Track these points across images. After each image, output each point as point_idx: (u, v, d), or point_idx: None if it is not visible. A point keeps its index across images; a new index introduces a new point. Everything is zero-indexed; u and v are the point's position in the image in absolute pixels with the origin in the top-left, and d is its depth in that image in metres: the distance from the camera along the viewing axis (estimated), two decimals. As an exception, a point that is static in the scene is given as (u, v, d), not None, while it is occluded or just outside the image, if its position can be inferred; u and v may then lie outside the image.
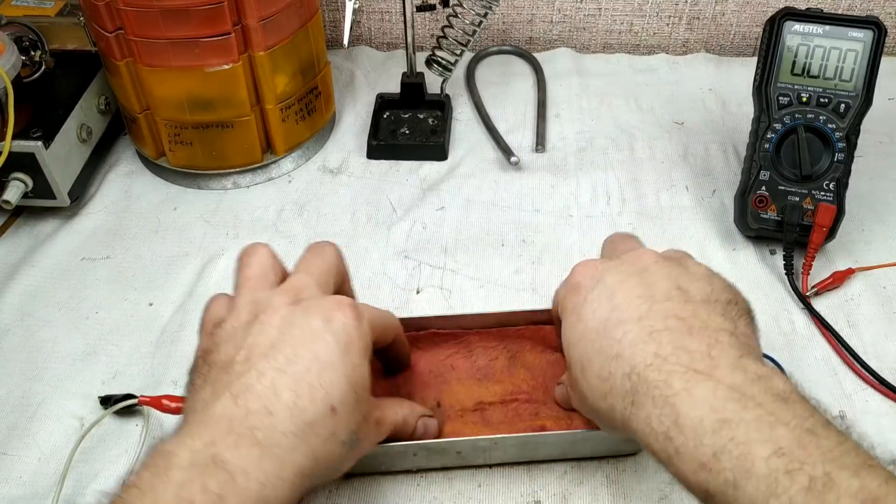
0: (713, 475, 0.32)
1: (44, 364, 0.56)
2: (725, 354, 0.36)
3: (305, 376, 0.38)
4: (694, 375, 0.35)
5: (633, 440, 0.47)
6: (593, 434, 0.47)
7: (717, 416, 0.33)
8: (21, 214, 0.69)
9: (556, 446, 0.48)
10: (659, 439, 0.35)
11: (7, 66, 0.60)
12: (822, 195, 0.61)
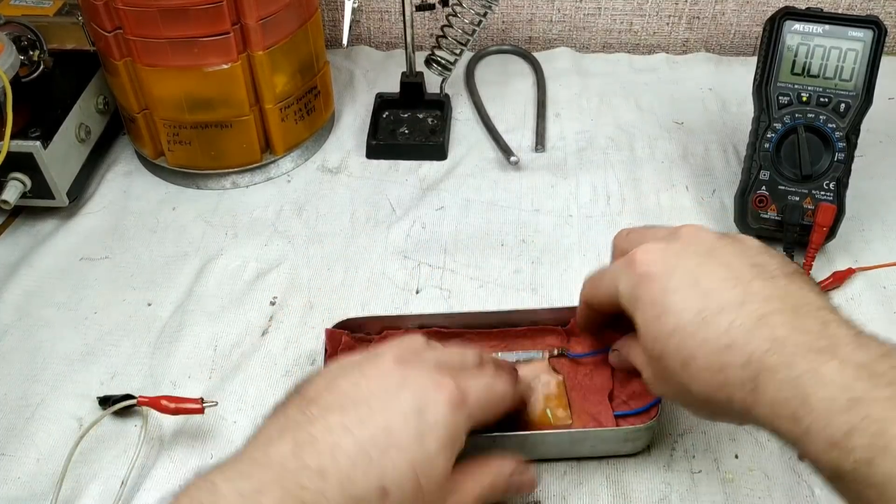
0: (845, 453, 0.32)
1: (42, 364, 0.56)
2: (841, 332, 0.35)
3: (368, 447, 0.36)
4: (817, 356, 0.34)
5: (633, 441, 0.47)
6: (591, 433, 0.47)
7: (847, 395, 0.33)
8: (20, 214, 0.69)
9: (555, 445, 0.48)
10: (785, 422, 0.34)
11: (5, 66, 0.60)
12: (822, 195, 0.60)
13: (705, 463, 0.49)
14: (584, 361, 0.52)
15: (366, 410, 0.37)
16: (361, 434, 0.36)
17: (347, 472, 0.35)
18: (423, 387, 0.39)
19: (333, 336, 0.53)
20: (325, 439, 0.36)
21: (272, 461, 0.35)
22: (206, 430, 0.52)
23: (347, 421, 0.37)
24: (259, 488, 0.34)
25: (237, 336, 0.58)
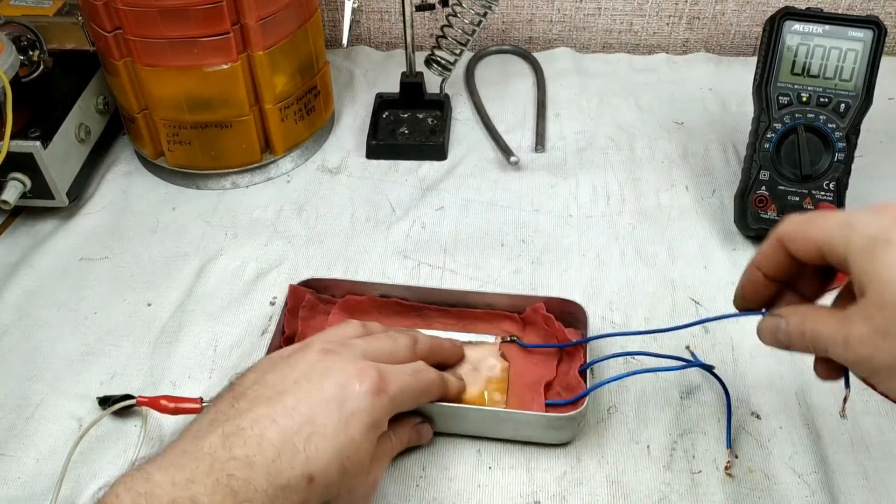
0: None
1: (42, 364, 0.56)
2: None
3: (293, 436, 0.38)
4: None
5: (557, 430, 0.48)
6: (514, 415, 0.49)
7: None
8: (19, 214, 0.69)
9: (480, 422, 0.50)
10: None
11: (5, 66, 0.60)
12: (822, 195, 0.60)
13: (705, 463, 0.49)
14: (534, 352, 0.54)
15: (291, 401, 0.39)
16: (286, 424, 0.38)
17: (273, 462, 0.37)
18: (345, 375, 0.40)
19: (297, 292, 0.56)
20: (252, 431, 0.37)
21: (203, 452, 0.36)
22: (206, 430, 0.52)
23: (273, 412, 0.38)
24: (191, 477, 0.35)
25: (237, 336, 0.58)
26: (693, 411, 0.52)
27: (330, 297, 0.57)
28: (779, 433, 0.51)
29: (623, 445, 0.50)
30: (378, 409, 0.40)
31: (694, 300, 0.60)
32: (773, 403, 0.52)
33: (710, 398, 0.53)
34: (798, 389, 0.53)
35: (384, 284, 0.57)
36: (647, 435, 0.51)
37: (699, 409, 0.52)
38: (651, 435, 0.51)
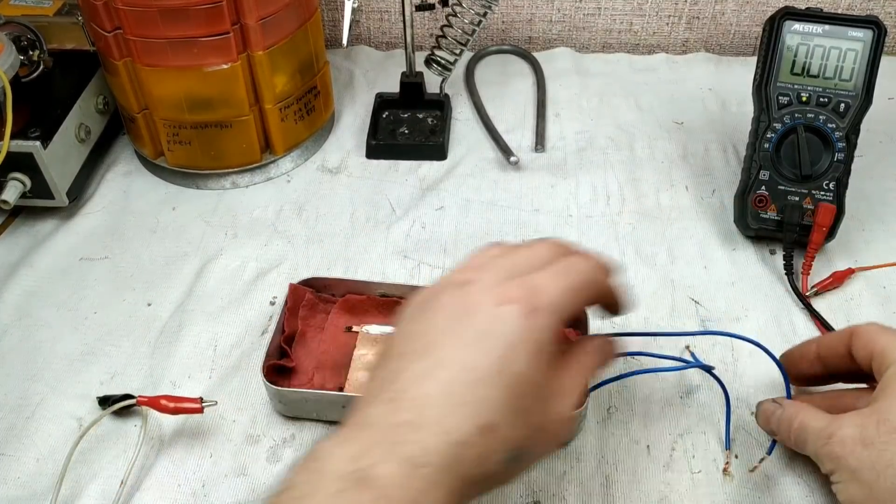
0: None
1: (42, 364, 0.56)
2: None
3: (453, 389, 0.34)
4: None
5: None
6: None
7: None
8: (19, 214, 0.69)
9: None
10: None
11: (5, 66, 0.60)
12: (821, 195, 0.60)
13: (705, 463, 0.49)
14: None
15: (442, 352, 0.35)
16: (444, 377, 0.34)
17: (441, 420, 0.33)
18: (488, 307, 0.36)
19: (297, 291, 0.56)
20: (412, 392, 0.34)
21: (371, 423, 0.34)
22: (206, 430, 0.52)
23: (427, 367, 0.35)
24: (362, 451, 0.33)
25: (237, 336, 0.58)
26: (693, 411, 0.52)
27: (330, 297, 0.57)
28: (779, 433, 0.51)
29: (623, 445, 0.50)
30: (536, 330, 0.35)
31: (694, 300, 0.60)
32: (773, 403, 0.52)
33: (709, 398, 0.53)
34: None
35: (384, 284, 0.56)
36: (647, 435, 0.51)
37: (699, 409, 0.52)
38: (651, 435, 0.51)
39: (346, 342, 0.55)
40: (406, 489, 0.32)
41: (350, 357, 0.54)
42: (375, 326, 0.56)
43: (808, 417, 0.43)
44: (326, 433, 0.51)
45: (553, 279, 0.37)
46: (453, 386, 0.34)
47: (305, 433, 0.52)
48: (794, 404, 0.46)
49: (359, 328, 0.56)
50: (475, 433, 0.33)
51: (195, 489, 0.49)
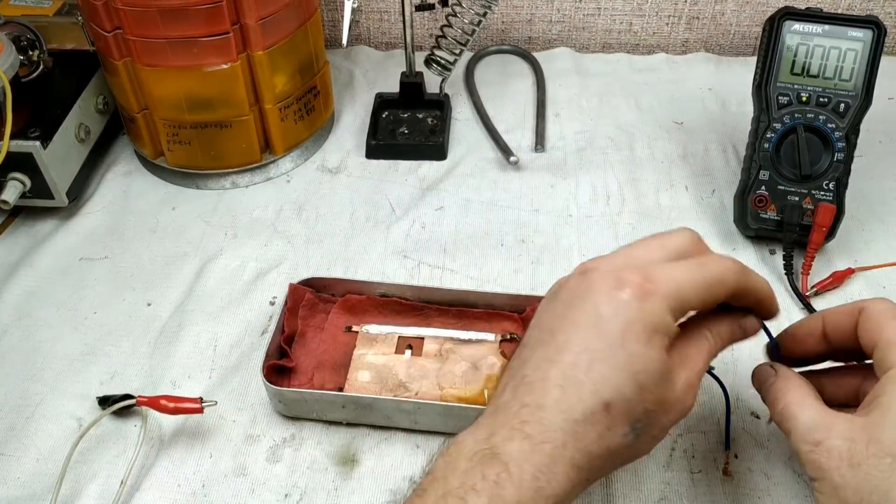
0: None
1: (42, 364, 0.56)
2: None
3: (572, 370, 0.36)
4: None
5: None
6: None
7: None
8: (19, 214, 0.69)
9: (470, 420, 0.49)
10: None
11: (5, 66, 0.60)
12: (821, 195, 0.60)
13: (705, 463, 0.49)
14: None
15: (562, 336, 0.37)
16: (565, 360, 0.36)
17: (560, 400, 0.36)
18: (605, 289, 0.37)
19: (297, 291, 0.56)
20: (535, 376, 0.37)
21: (498, 408, 0.37)
22: (206, 430, 0.52)
23: (550, 352, 0.37)
24: (491, 433, 0.36)
25: (237, 336, 0.58)
26: (693, 411, 0.52)
27: (330, 297, 0.57)
28: (778, 433, 0.51)
29: (623, 445, 0.50)
30: (651, 312, 0.36)
31: (694, 300, 0.60)
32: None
33: (709, 398, 0.53)
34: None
35: (384, 283, 0.57)
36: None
37: (699, 409, 0.52)
38: (651, 435, 0.51)
39: (345, 342, 0.55)
40: (530, 463, 0.35)
41: (350, 357, 0.54)
42: (375, 326, 0.56)
43: (796, 404, 0.40)
44: (326, 433, 0.51)
45: (675, 269, 0.38)
46: (572, 368, 0.36)
47: (305, 433, 0.52)
48: (787, 377, 0.42)
49: (358, 328, 0.56)
50: (596, 411, 0.35)
51: (195, 489, 0.49)
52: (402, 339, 0.55)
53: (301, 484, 0.49)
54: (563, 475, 0.35)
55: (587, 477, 0.36)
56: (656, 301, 0.37)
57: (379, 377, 0.53)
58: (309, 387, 0.52)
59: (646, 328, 0.36)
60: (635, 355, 0.36)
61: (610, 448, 0.36)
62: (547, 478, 0.35)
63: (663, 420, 0.38)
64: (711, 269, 0.39)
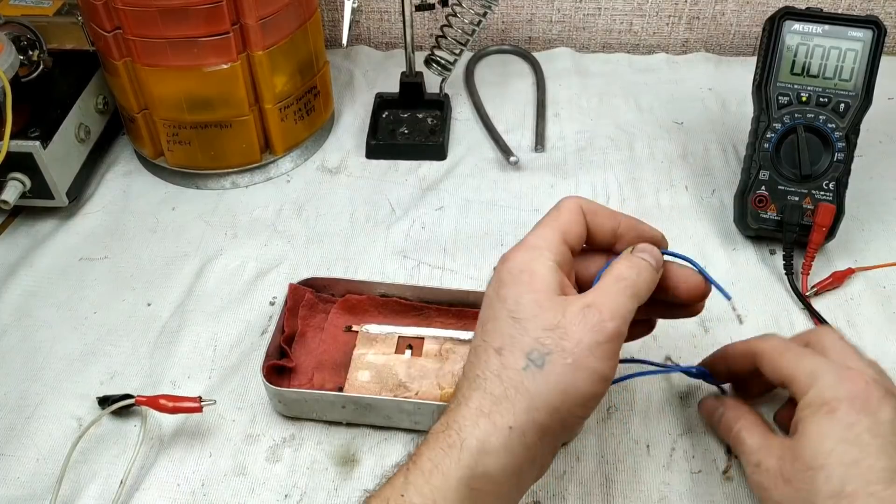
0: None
1: (42, 364, 0.56)
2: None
3: (475, 344, 0.41)
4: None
5: None
6: None
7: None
8: (19, 214, 0.69)
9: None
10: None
11: (5, 66, 0.60)
12: (821, 195, 0.60)
13: (705, 463, 0.49)
14: None
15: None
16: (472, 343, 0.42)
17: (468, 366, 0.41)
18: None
19: (297, 291, 0.56)
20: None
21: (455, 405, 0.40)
22: (206, 430, 0.52)
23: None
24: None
25: (237, 336, 0.58)
26: (693, 411, 0.52)
27: (330, 297, 0.57)
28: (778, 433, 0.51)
29: (623, 445, 0.50)
30: (513, 260, 0.42)
31: (694, 300, 0.60)
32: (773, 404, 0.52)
33: (709, 398, 0.53)
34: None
35: (384, 283, 0.57)
36: (647, 435, 0.51)
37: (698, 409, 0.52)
38: (651, 435, 0.51)
39: (345, 342, 0.55)
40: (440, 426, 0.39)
41: (350, 357, 0.54)
42: (375, 326, 0.56)
43: (746, 433, 0.44)
44: (326, 433, 0.51)
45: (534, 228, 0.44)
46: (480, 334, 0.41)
47: (305, 433, 0.52)
48: (736, 407, 0.47)
49: (358, 328, 0.56)
50: (486, 360, 0.39)
51: (194, 488, 0.49)
52: (402, 339, 0.55)
53: (301, 484, 0.49)
54: (471, 422, 0.37)
55: (505, 423, 0.37)
56: (516, 253, 0.42)
57: (379, 377, 0.53)
58: (309, 387, 0.52)
59: (511, 274, 0.41)
60: (508, 298, 0.40)
61: (514, 385, 0.38)
62: (456, 430, 0.38)
63: (568, 344, 0.38)
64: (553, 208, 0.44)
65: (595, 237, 0.44)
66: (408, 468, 0.38)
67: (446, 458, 0.37)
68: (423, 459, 0.37)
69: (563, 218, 0.43)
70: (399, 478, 0.38)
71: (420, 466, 0.37)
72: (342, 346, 0.55)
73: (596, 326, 0.38)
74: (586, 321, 0.38)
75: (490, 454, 0.37)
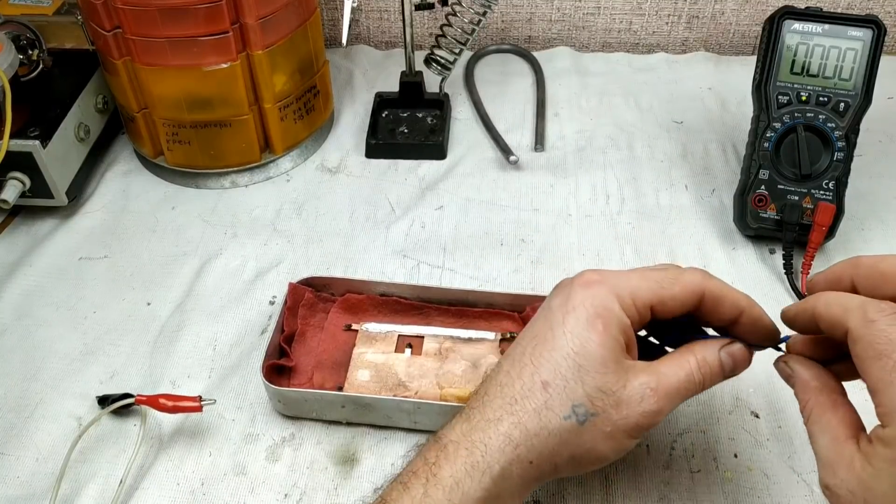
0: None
1: (41, 364, 0.56)
2: None
3: (520, 357, 0.39)
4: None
5: None
6: None
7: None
8: (19, 214, 0.69)
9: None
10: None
11: (4, 66, 0.60)
12: (821, 194, 0.60)
13: (704, 462, 0.49)
14: None
15: (523, 333, 0.41)
16: (516, 351, 0.40)
17: (504, 384, 0.39)
18: (565, 287, 0.40)
19: (296, 290, 0.56)
20: (493, 372, 0.40)
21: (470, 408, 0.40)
22: (205, 429, 0.52)
23: (510, 350, 0.41)
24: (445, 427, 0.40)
25: (236, 335, 0.58)
26: (692, 410, 0.52)
27: (329, 296, 0.57)
28: (778, 432, 0.51)
29: (622, 444, 0.50)
30: (593, 296, 0.38)
31: (693, 299, 0.60)
32: (773, 403, 0.52)
33: (709, 398, 0.53)
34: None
35: (384, 283, 0.57)
36: (647, 434, 0.51)
37: (698, 408, 0.52)
38: (650, 434, 0.51)
39: (345, 341, 0.55)
40: (467, 441, 0.38)
41: (349, 356, 0.54)
42: (375, 325, 0.56)
43: (816, 422, 0.36)
44: (326, 432, 0.51)
45: (625, 273, 0.40)
46: (521, 355, 0.39)
47: (305, 432, 0.52)
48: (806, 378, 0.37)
49: (358, 327, 0.56)
50: (531, 387, 0.38)
51: (194, 488, 0.49)
52: (401, 338, 0.55)
53: (301, 483, 0.49)
54: (498, 449, 0.37)
55: (528, 457, 0.37)
56: (601, 288, 0.39)
57: (378, 376, 0.53)
58: (308, 386, 0.52)
59: (587, 310, 0.38)
60: (574, 335, 0.38)
61: (549, 428, 0.37)
62: (481, 451, 0.37)
63: (614, 415, 0.37)
64: (668, 270, 0.40)
65: (711, 320, 0.40)
66: (427, 479, 0.37)
67: (468, 478, 0.37)
68: (445, 474, 0.37)
69: (673, 291, 0.39)
70: (418, 489, 0.37)
71: (441, 481, 0.37)
72: (342, 346, 0.55)
73: (647, 414, 0.37)
74: (642, 405, 0.37)
75: (507, 480, 0.37)
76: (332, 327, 0.56)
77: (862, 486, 0.33)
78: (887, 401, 0.32)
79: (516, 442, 0.37)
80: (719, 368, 0.39)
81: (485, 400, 0.39)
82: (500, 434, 0.37)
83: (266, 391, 0.51)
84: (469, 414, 0.39)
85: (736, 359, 0.40)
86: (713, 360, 0.39)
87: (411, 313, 0.56)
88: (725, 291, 0.40)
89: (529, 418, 0.37)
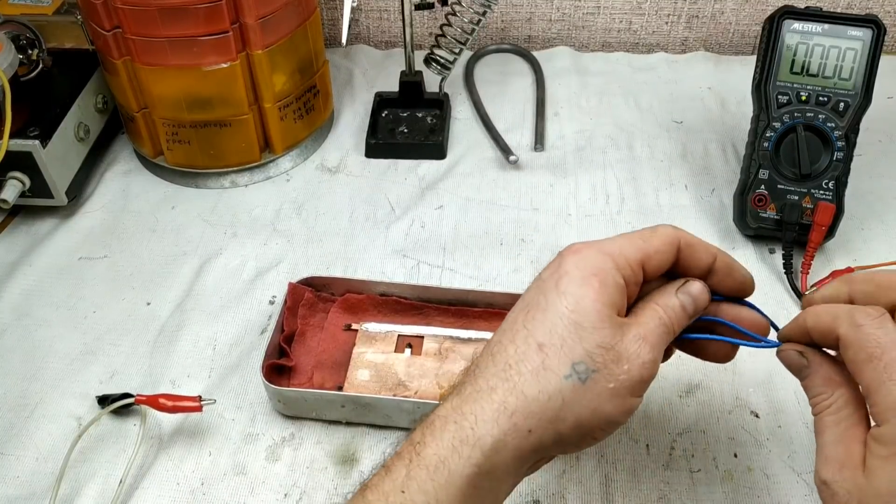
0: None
1: (41, 364, 0.56)
2: None
3: (511, 325, 0.38)
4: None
5: None
6: None
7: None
8: (18, 214, 0.69)
9: None
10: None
11: (4, 65, 0.60)
12: (821, 194, 0.60)
13: (704, 462, 0.49)
14: None
15: (516, 306, 0.39)
16: (509, 319, 0.38)
17: (496, 353, 0.37)
18: (560, 256, 0.39)
19: (296, 290, 0.56)
20: (489, 346, 0.38)
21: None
22: (205, 429, 0.52)
23: (505, 325, 0.39)
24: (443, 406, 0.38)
25: (236, 335, 0.58)
26: (692, 410, 0.52)
27: (329, 296, 0.57)
28: (778, 432, 0.51)
29: (622, 444, 0.50)
30: (584, 258, 0.38)
31: (693, 299, 0.60)
32: (773, 403, 0.52)
33: (708, 398, 0.53)
34: (797, 389, 0.52)
35: (384, 283, 0.57)
36: (646, 434, 0.51)
37: (698, 407, 0.52)
38: (650, 434, 0.51)
39: (345, 341, 0.55)
40: (456, 414, 0.36)
41: (349, 356, 0.54)
42: (375, 324, 0.56)
43: (824, 416, 0.36)
44: (326, 432, 0.51)
45: (617, 238, 0.40)
46: (513, 323, 0.38)
47: (304, 432, 0.52)
48: (817, 374, 0.37)
49: (358, 326, 0.56)
50: (525, 351, 0.36)
51: (194, 487, 0.49)
52: (401, 338, 0.55)
53: (301, 483, 0.49)
54: (491, 419, 0.35)
55: (527, 426, 0.35)
56: (591, 250, 0.38)
57: (378, 376, 0.53)
58: (308, 386, 0.52)
59: (581, 271, 0.37)
60: (569, 294, 0.37)
61: (549, 391, 0.35)
62: (471, 423, 0.35)
63: (616, 370, 0.36)
64: (643, 230, 0.40)
65: (688, 271, 0.41)
66: (410, 460, 0.36)
67: (455, 454, 0.35)
68: (429, 453, 0.35)
69: (653, 243, 0.39)
70: (400, 471, 0.35)
71: (425, 461, 0.35)
72: (342, 345, 0.55)
73: (646, 364, 0.37)
74: (640, 356, 0.37)
75: (501, 453, 0.35)
76: (331, 327, 0.56)
77: (858, 489, 0.33)
78: (881, 400, 0.33)
79: (511, 409, 0.35)
80: (681, 309, 0.40)
81: (476, 372, 0.37)
82: (493, 402, 0.35)
83: (266, 391, 0.51)
84: (460, 388, 0.37)
85: (693, 295, 0.40)
86: (673, 303, 0.40)
87: (411, 313, 0.56)
88: (697, 239, 0.41)
89: (526, 382, 0.36)
